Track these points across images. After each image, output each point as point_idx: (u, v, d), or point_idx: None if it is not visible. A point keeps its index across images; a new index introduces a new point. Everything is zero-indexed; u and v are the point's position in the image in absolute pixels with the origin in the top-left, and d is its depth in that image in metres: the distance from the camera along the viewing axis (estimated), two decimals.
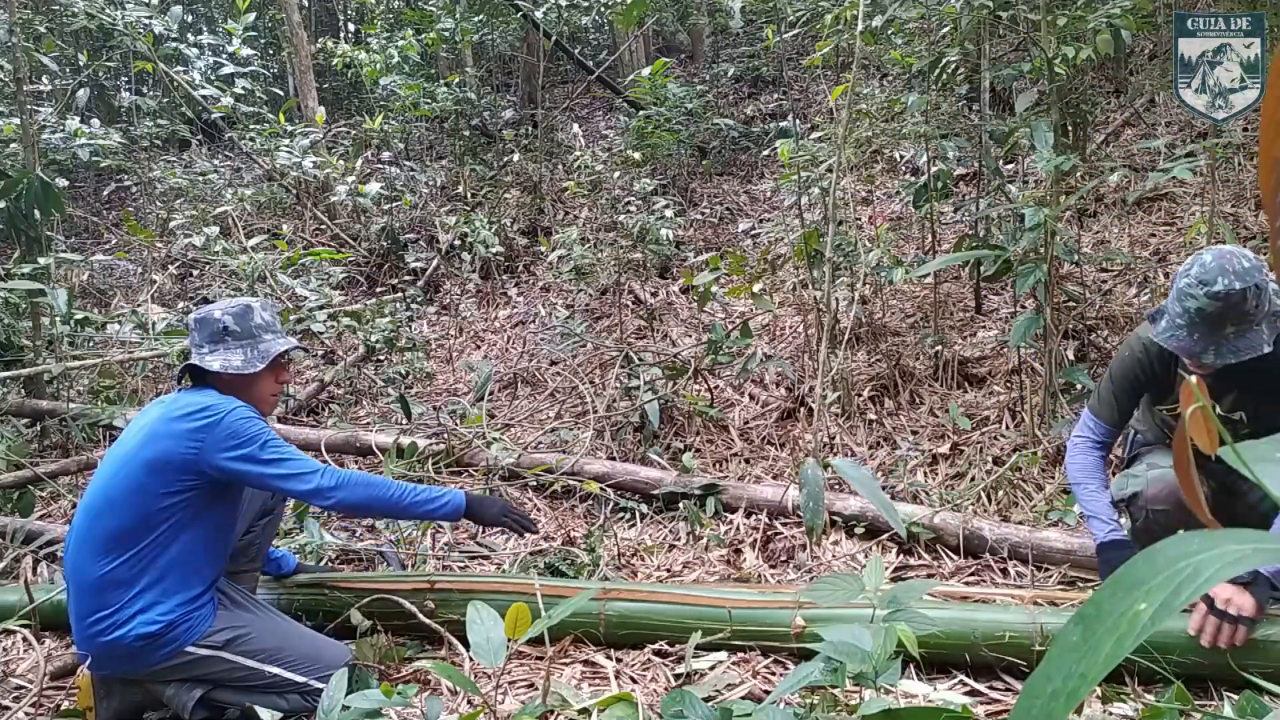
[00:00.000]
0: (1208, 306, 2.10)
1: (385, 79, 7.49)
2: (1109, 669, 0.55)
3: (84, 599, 2.17)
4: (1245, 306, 2.09)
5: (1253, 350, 2.12)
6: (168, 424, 2.23)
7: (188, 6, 11.69)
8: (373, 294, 6.51)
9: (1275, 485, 0.68)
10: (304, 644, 2.34)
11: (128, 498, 2.18)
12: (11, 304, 4.61)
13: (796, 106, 7.88)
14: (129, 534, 2.16)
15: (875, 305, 4.82)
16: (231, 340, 2.36)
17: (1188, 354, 2.17)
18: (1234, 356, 2.12)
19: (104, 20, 6.56)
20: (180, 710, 2.22)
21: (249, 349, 2.37)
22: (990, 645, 2.26)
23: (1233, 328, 2.11)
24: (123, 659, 2.17)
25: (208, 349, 2.35)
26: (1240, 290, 2.07)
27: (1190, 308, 2.13)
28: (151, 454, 2.20)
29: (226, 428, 2.21)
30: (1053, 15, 3.78)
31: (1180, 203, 5.39)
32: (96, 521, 2.19)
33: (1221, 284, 2.08)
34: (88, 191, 9.37)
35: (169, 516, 2.19)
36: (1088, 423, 2.52)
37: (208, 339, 2.36)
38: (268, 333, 2.42)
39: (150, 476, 2.18)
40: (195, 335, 2.38)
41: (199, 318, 2.39)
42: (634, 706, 2.00)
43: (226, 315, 2.37)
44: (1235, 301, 2.08)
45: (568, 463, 3.82)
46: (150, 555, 2.17)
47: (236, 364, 2.33)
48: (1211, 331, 2.13)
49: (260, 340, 2.40)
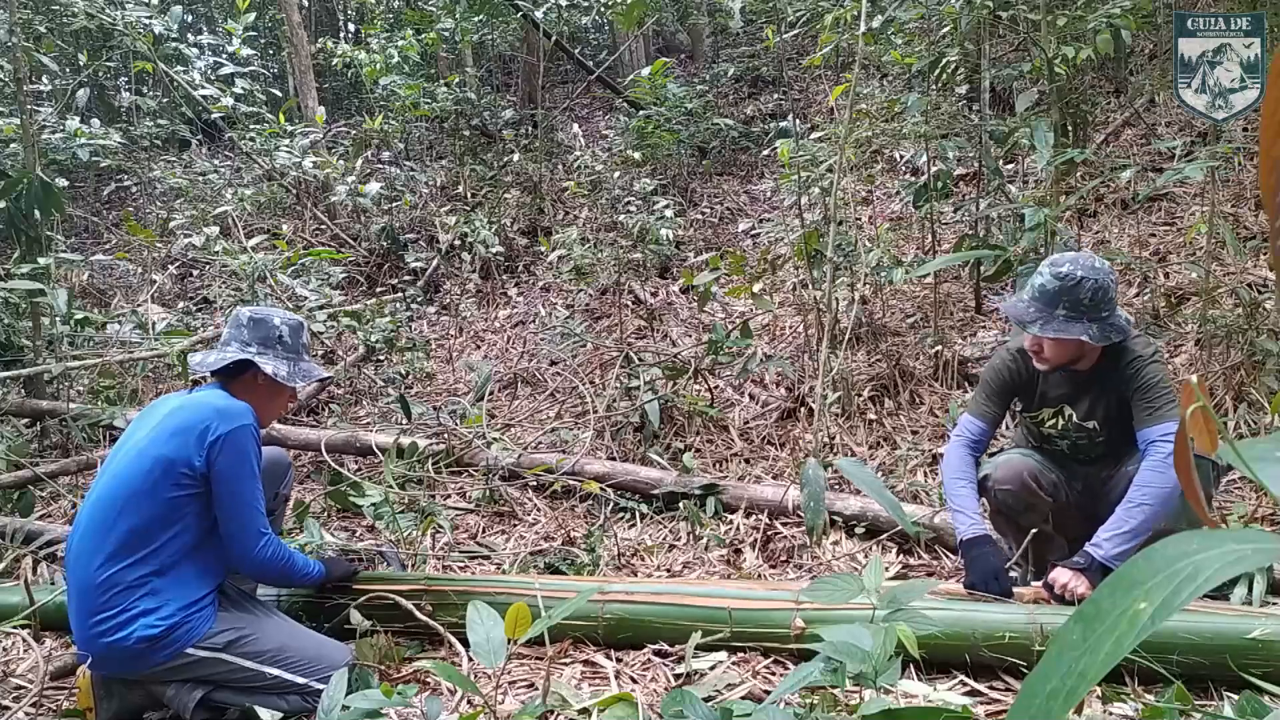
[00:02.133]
0: (1049, 284, 2.39)
1: (385, 79, 7.49)
2: (1108, 668, 0.55)
3: (86, 599, 2.16)
4: (1079, 294, 2.35)
5: (1073, 335, 2.38)
6: (181, 424, 2.23)
7: (188, 6, 11.69)
8: (373, 294, 6.51)
9: (1275, 485, 0.68)
10: (305, 645, 2.34)
11: (139, 496, 2.18)
12: (11, 304, 4.61)
13: (796, 106, 7.88)
14: (137, 535, 2.16)
15: (875, 305, 4.82)
16: (281, 350, 2.42)
17: (1018, 319, 2.44)
18: (1053, 334, 2.39)
19: (104, 20, 6.56)
20: (181, 711, 2.22)
21: (293, 364, 2.44)
22: (990, 645, 2.26)
23: (1064, 310, 2.38)
24: (124, 660, 2.16)
25: (256, 349, 2.39)
26: (1080, 278, 2.35)
27: (1035, 282, 2.43)
28: (166, 452, 2.20)
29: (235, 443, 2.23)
30: (1053, 15, 3.78)
31: (1180, 203, 5.39)
32: (105, 519, 2.18)
33: (1067, 268, 2.37)
34: (88, 191, 9.37)
35: (178, 518, 2.19)
36: (964, 423, 2.73)
37: (259, 340, 2.40)
38: (307, 354, 2.52)
39: (158, 475, 2.18)
40: (245, 332, 2.41)
41: (256, 318, 2.42)
42: (634, 706, 2.00)
43: (285, 325, 2.44)
44: (1071, 285, 2.35)
45: (568, 463, 3.82)
46: (156, 557, 2.17)
47: (284, 374, 2.40)
48: (1045, 306, 2.40)
49: (302, 359, 2.48)
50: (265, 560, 2.28)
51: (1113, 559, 2.31)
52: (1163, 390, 2.43)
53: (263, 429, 2.40)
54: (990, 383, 2.73)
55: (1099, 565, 2.31)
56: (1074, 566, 2.33)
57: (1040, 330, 2.40)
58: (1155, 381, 2.43)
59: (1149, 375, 2.44)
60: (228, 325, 2.46)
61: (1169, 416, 2.38)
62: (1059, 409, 2.63)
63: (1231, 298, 3.96)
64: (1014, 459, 2.61)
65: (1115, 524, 2.34)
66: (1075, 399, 2.60)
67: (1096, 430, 2.60)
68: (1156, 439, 2.39)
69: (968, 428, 2.71)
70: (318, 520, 3.44)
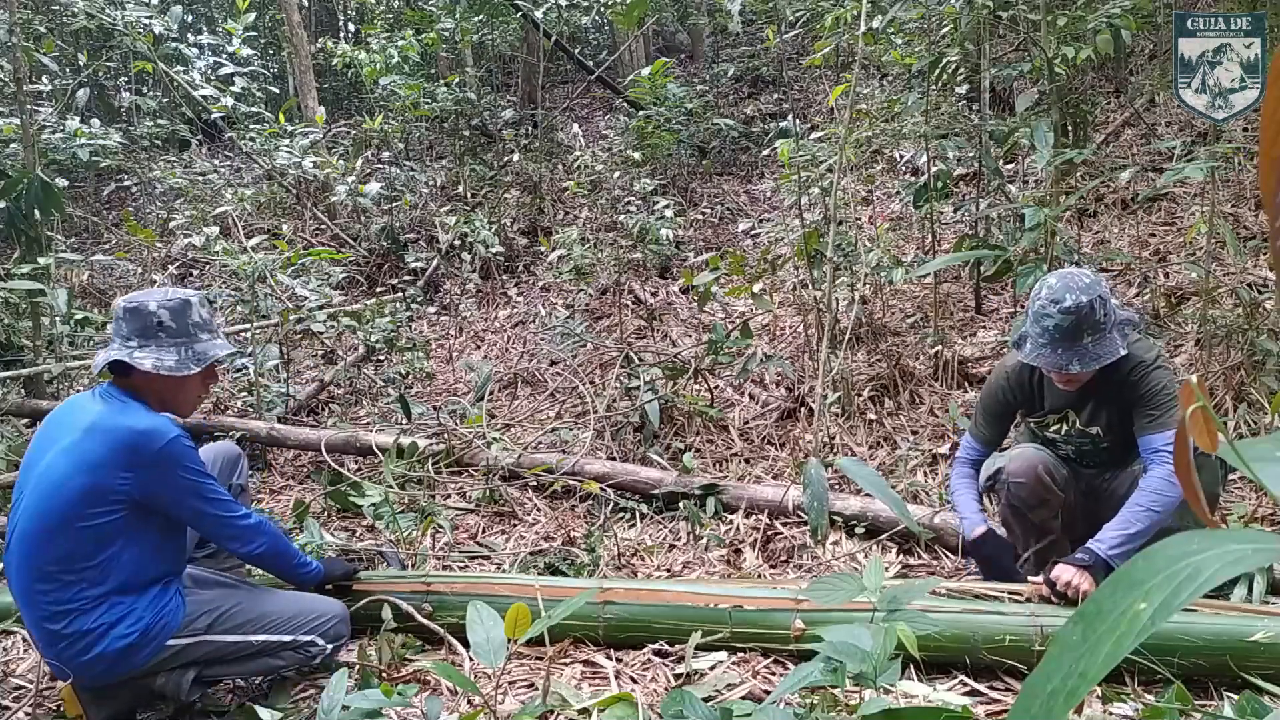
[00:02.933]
0: (1064, 321, 2.36)
1: (385, 79, 7.49)
2: (1109, 668, 0.55)
3: (46, 626, 2.07)
4: (1095, 316, 2.36)
5: (1111, 354, 2.37)
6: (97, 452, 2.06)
7: (188, 6, 11.69)
8: (373, 294, 6.50)
9: (1275, 485, 0.68)
10: (284, 604, 2.31)
11: (65, 527, 2.04)
12: (11, 304, 4.61)
13: (796, 106, 7.88)
14: (75, 560, 2.05)
15: (875, 305, 4.82)
16: (165, 337, 2.18)
17: (1055, 368, 2.41)
18: (1096, 362, 2.37)
19: (104, 20, 6.56)
20: (175, 693, 2.18)
21: (183, 348, 2.19)
22: (990, 648, 2.26)
23: (1089, 337, 2.37)
24: (106, 670, 2.11)
25: (136, 343, 2.16)
26: (1088, 302, 2.35)
27: (1048, 325, 2.38)
28: (83, 484, 2.04)
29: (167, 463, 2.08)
30: (1053, 15, 3.78)
31: (1180, 203, 5.39)
32: (36, 550, 2.06)
33: (1070, 299, 2.36)
34: (88, 191, 9.37)
35: (115, 537, 2.07)
36: (965, 445, 2.79)
37: (137, 332, 2.17)
38: (204, 332, 2.25)
39: (84, 505, 2.04)
40: (124, 326, 2.18)
41: (130, 307, 2.18)
42: (634, 706, 2.00)
43: (163, 309, 2.18)
44: (1086, 313, 2.35)
45: (568, 463, 3.82)
46: (103, 575, 2.07)
47: (169, 364, 2.16)
48: (1071, 343, 2.37)
49: (196, 340, 2.22)
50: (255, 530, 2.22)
51: (1116, 558, 2.29)
52: (1166, 396, 2.42)
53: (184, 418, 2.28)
54: (989, 407, 2.75)
55: (1102, 562, 2.30)
56: (1077, 563, 2.31)
57: (1085, 367, 2.37)
58: (1159, 389, 2.43)
59: (1153, 382, 2.43)
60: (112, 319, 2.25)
61: (1173, 424, 2.36)
62: (1064, 415, 2.63)
63: (1231, 298, 3.96)
64: (1028, 452, 2.60)
65: (1121, 524, 2.34)
66: (1079, 405, 2.60)
67: (1100, 436, 2.60)
68: (1160, 448, 2.39)
69: (969, 451, 2.76)
70: (318, 520, 3.44)
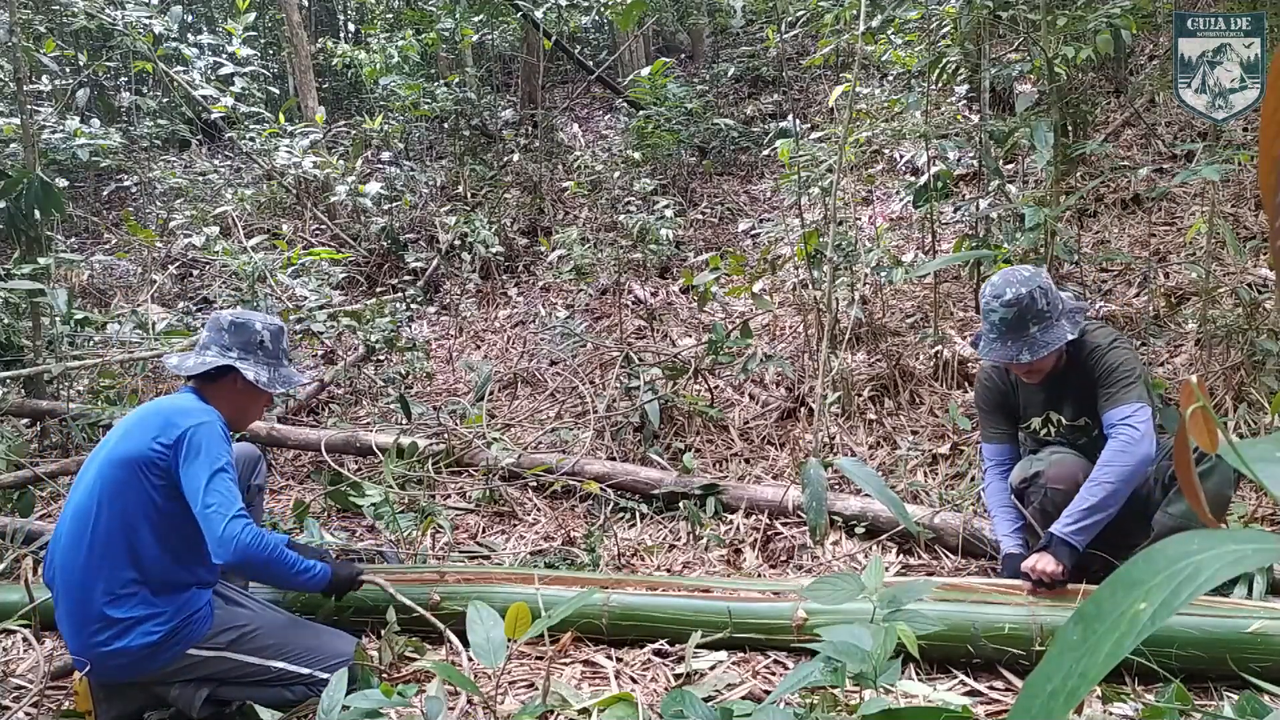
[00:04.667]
0: (1007, 314, 2.47)
1: (385, 79, 7.49)
2: (1109, 668, 0.55)
3: (78, 611, 2.13)
4: (1038, 305, 2.46)
5: (1059, 340, 2.46)
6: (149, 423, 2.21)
7: (188, 6, 11.69)
8: (373, 294, 6.50)
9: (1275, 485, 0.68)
10: (307, 636, 2.34)
11: (111, 499, 2.16)
12: (11, 304, 4.61)
13: (796, 106, 7.88)
14: (117, 538, 2.14)
15: (875, 305, 4.82)
16: (262, 355, 2.41)
17: (1006, 359, 2.51)
18: (1046, 349, 2.46)
19: (104, 20, 6.55)
20: (186, 708, 2.22)
21: (273, 369, 2.43)
22: (989, 636, 2.27)
23: (1034, 326, 2.47)
24: (123, 667, 2.15)
25: (237, 354, 2.37)
26: (1028, 293, 2.46)
27: (994, 320, 2.50)
28: (126, 451, 2.18)
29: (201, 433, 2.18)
30: (1053, 15, 3.78)
31: (1180, 203, 5.39)
32: (84, 528, 2.16)
33: (1010, 292, 2.47)
34: (88, 191, 9.37)
35: (150, 516, 2.16)
36: (987, 453, 2.84)
37: (240, 345, 2.38)
38: (287, 359, 2.51)
39: (129, 474, 2.15)
40: (226, 336, 2.38)
41: (239, 322, 2.40)
42: (634, 706, 2.00)
43: (266, 330, 2.42)
44: (1027, 304, 2.46)
45: (568, 463, 3.82)
46: (142, 564, 2.15)
47: (264, 380, 2.38)
48: (1018, 334, 2.48)
49: (282, 364, 2.47)
50: (245, 546, 2.08)
51: (1071, 534, 2.40)
52: (1122, 374, 2.48)
53: (237, 433, 2.36)
54: (984, 406, 2.82)
55: (1059, 540, 2.40)
56: (1038, 548, 2.43)
57: (1034, 355, 2.46)
58: (1115, 366, 2.50)
59: (1108, 362, 2.52)
60: (207, 328, 2.44)
61: (1126, 400, 2.45)
62: (1046, 415, 2.66)
63: (1231, 298, 3.96)
64: (1068, 459, 2.61)
65: (1077, 502, 2.42)
66: (1057, 404, 2.66)
67: (1089, 425, 2.64)
68: (1117, 422, 2.45)
69: (993, 456, 2.79)
70: (317, 520, 3.44)
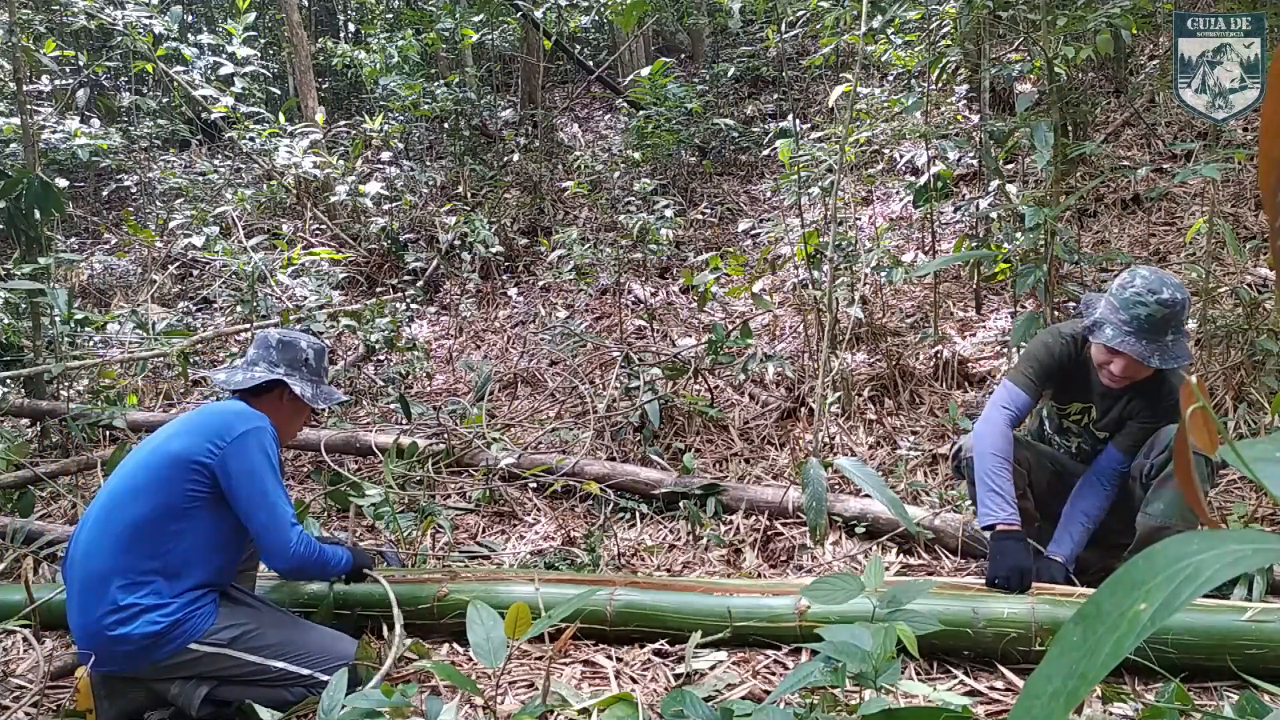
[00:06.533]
0: (1157, 313, 2.32)
1: (385, 79, 7.50)
2: (1109, 669, 0.55)
3: (89, 592, 2.18)
4: (1181, 316, 2.35)
5: (1186, 357, 2.36)
6: (198, 422, 2.32)
7: (188, 6, 11.69)
8: (373, 294, 6.50)
9: (1275, 485, 0.68)
10: (308, 637, 2.35)
11: (148, 489, 2.23)
12: (11, 304, 4.61)
13: (796, 106, 7.87)
14: (144, 528, 2.19)
15: (875, 305, 4.82)
16: (307, 372, 2.54)
17: (1139, 356, 2.35)
18: (1174, 362, 2.35)
19: (104, 20, 6.55)
20: (186, 706, 2.22)
21: (316, 386, 2.56)
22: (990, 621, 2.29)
23: (1171, 335, 2.35)
24: (126, 657, 2.17)
25: (284, 370, 2.49)
26: (1182, 300, 2.34)
27: (1140, 315, 2.33)
28: (178, 448, 2.26)
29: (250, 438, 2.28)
30: (1053, 15, 3.78)
31: (1180, 203, 5.39)
32: (113, 512, 2.23)
33: (1168, 293, 2.33)
34: (88, 191, 9.37)
35: (185, 516, 2.22)
36: (1009, 394, 2.58)
37: (287, 361, 2.51)
38: (326, 377, 2.65)
39: (171, 470, 2.23)
40: (274, 354, 2.50)
41: (286, 340, 2.53)
42: (634, 706, 2.00)
43: (311, 349, 2.56)
44: (1177, 310, 2.33)
45: (568, 463, 3.82)
46: (162, 555, 2.19)
47: (309, 395, 2.50)
48: (1156, 337, 2.34)
49: (323, 382, 2.60)
50: (302, 555, 2.29)
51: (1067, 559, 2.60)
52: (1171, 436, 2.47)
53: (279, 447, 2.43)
54: (1041, 360, 2.60)
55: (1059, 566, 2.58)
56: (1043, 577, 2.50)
57: (1163, 363, 2.34)
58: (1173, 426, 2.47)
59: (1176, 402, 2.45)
60: (254, 346, 2.56)
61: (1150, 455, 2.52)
62: (1088, 407, 2.65)
63: (1231, 298, 3.96)
64: None
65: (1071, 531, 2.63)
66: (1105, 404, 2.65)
67: (1106, 439, 2.65)
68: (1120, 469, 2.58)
69: (1014, 400, 2.55)
70: (317, 520, 3.44)
